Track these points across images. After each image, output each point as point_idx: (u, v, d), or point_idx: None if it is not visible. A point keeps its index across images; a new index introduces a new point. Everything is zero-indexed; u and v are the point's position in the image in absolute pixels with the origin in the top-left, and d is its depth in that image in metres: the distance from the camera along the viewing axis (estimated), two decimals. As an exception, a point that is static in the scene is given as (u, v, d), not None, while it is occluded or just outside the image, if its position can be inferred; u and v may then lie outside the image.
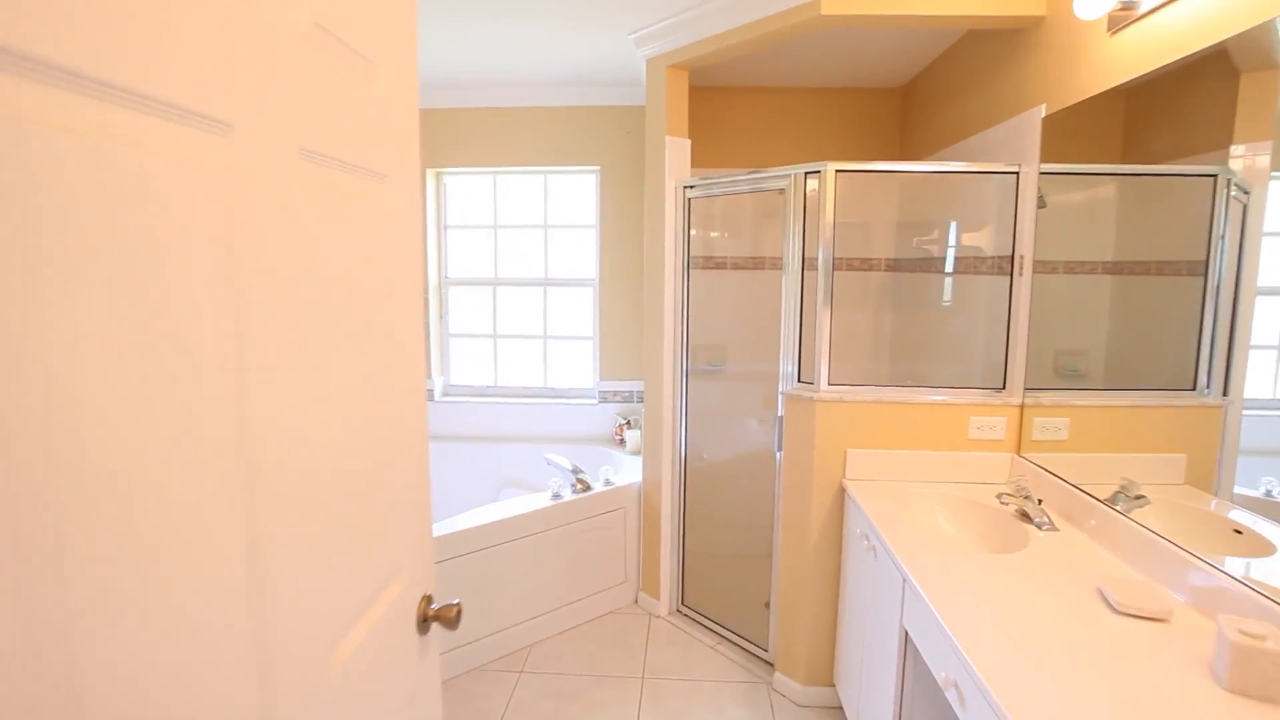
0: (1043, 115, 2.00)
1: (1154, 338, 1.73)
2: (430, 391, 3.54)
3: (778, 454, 2.31)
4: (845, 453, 2.13)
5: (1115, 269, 1.89)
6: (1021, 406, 2.11)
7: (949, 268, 2.70)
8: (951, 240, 2.66)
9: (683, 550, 2.79)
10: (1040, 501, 1.82)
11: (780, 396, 2.28)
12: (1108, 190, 1.93)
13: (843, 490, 2.14)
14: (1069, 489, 1.82)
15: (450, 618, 0.99)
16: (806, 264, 2.22)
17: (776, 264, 3.40)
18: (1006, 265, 2.18)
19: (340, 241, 0.73)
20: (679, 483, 2.74)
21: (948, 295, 2.65)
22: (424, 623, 0.99)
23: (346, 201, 0.74)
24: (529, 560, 2.51)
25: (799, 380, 2.22)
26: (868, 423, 2.13)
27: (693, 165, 2.72)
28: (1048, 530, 1.74)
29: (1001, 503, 1.88)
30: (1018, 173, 2.11)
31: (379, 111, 0.81)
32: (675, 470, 2.74)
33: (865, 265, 3.12)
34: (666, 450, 2.72)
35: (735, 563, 3.26)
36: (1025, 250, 2.10)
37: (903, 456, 2.12)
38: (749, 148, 3.26)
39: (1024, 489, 1.85)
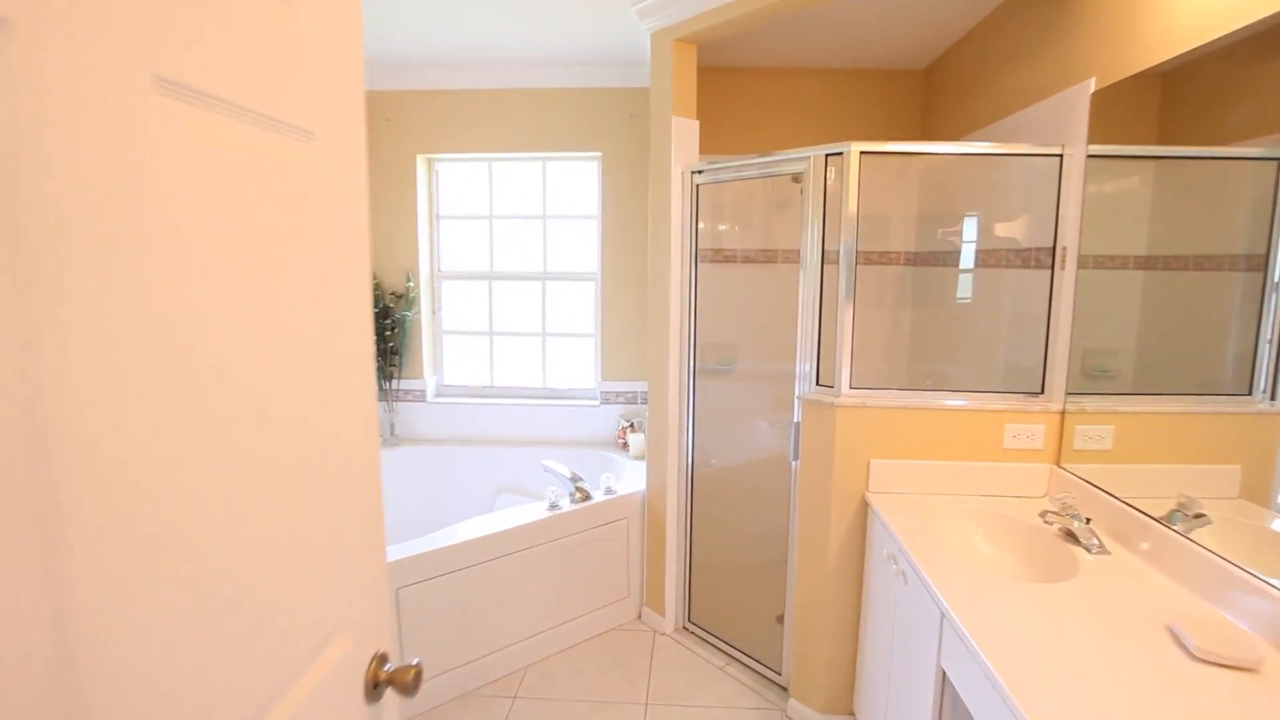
0: (1092, 90, 1.80)
1: (1203, 338, 1.56)
2: (422, 392, 3.37)
3: (793, 462, 2.12)
4: (868, 463, 1.94)
5: (1154, 263, 1.71)
6: (1063, 413, 1.91)
7: (978, 261, 2.50)
8: (972, 234, 2.46)
9: (689, 562, 2.61)
10: (1088, 520, 1.63)
11: (797, 401, 2.09)
12: (1154, 175, 1.73)
13: (865, 504, 1.96)
14: (1119, 506, 1.63)
15: (407, 681, 0.81)
16: (826, 257, 2.02)
17: (790, 257, 3.21)
18: (1045, 258, 1.98)
19: (240, 216, 0.55)
20: (685, 490, 2.56)
21: (977, 291, 2.45)
22: (375, 688, 0.81)
23: (248, 163, 0.56)
24: (524, 576, 2.33)
25: (817, 383, 2.03)
26: (893, 430, 1.94)
27: (700, 154, 2.52)
28: (1098, 553, 1.55)
29: (1045, 521, 1.69)
30: (1061, 155, 1.91)
31: (298, 49, 0.63)
32: (681, 477, 2.55)
33: (885, 259, 2.92)
34: (672, 455, 2.54)
35: (745, 574, 3.07)
36: (1069, 241, 1.90)
37: (931, 467, 1.93)
38: (759, 134, 3.06)
39: (1070, 506, 1.66)
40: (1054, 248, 1.95)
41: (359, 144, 0.74)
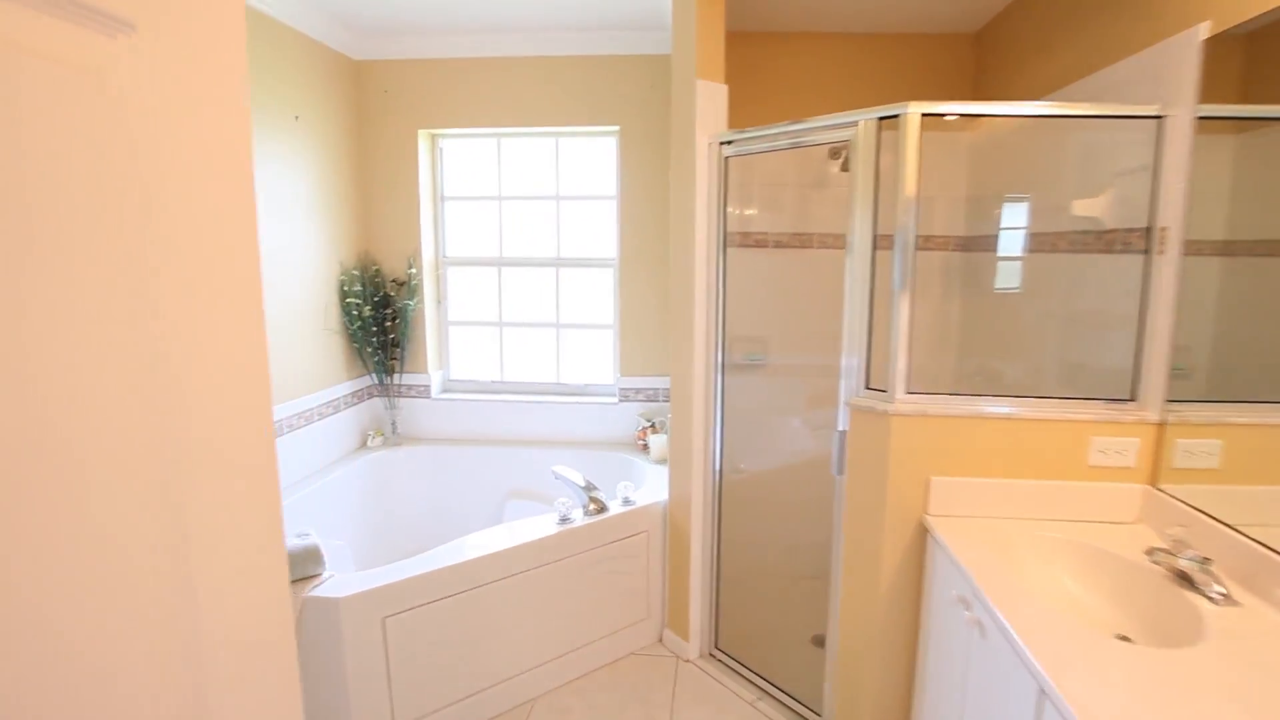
0: (1203, 37, 1.48)
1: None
2: (426, 387, 3.14)
3: (837, 476, 1.84)
4: (928, 481, 1.66)
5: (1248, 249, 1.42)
6: (1161, 424, 1.61)
7: (1045, 246, 2.18)
8: (1038, 215, 2.14)
9: (716, 580, 2.35)
10: (1207, 561, 1.33)
11: (842, 407, 1.81)
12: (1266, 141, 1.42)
13: (924, 529, 1.68)
14: (1242, 541, 1.34)
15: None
16: (878, 241, 1.73)
17: (827, 241, 2.93)
18: (1136, 241, 1.68)
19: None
20: (712, 500, 2.29)
21: (1045, 280, 2.14)
22: None
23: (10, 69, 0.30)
24: (531, 598, 2.09)
25: (867, 387, 1.75)
26: (956, 443, 1.65)
27: (728, 126, 2.23)
28: (1224, 604, 1.26)
29: (1152, 561, 1.40)
30: (1162, 117, 1.59)
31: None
32: (707, 484, 2.29)
33: (931, 244, 2.62)
34: (697, 460, 2.27)
35: (779, 593, 2.81)
36: (1171, 220, 1.59)
37: (1002, 487, 1.64)
38: (792, 107, 2.76)
39: (1184, 543, 1.37)
40: (1149, 229, 1.65)
41: (229, 47, 0.48)
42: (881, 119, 1.65)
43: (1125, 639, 1.30)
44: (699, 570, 2.34)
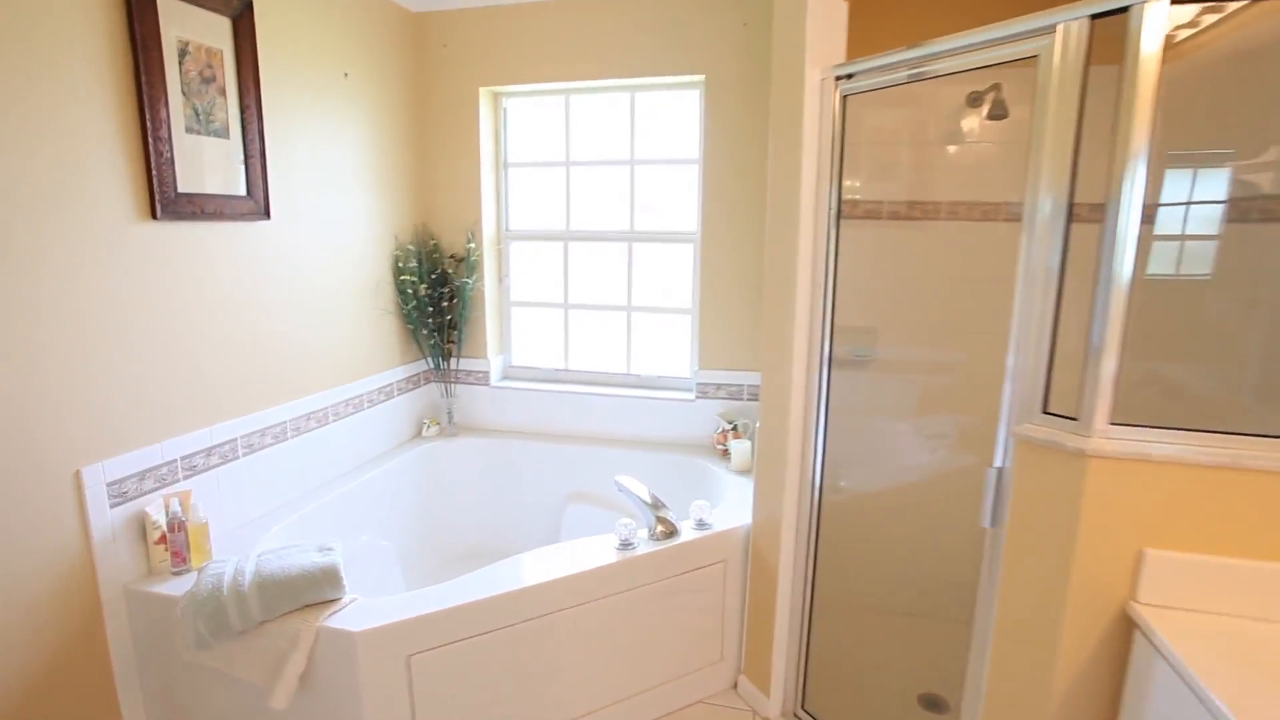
0: None
1: None
2: (485, 374, 2.85)
3: (988, 526, 1.37)
4: (1140, 554, 1.17)
5: None
6: None
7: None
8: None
9: (807, 626, 1.93)
10: None
11: (1004, 436, 1.33)
12: None
13: (1128, 622, 1.19)
14: None
15: None
16: (1073, 210, 1.23)
17: (957, 211, 2.39)
18: None
19: None
20: (808, 525, 1.86)
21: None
22: None
23: None
24: (586, 635, 1.76)
25: (1045, 411, 1.26)
26: (1190, 502, 1.14)
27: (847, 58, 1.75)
28: None
29: None
30: None
31: None
32: (803, 505, 1.86)
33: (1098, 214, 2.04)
34: (791, 475, 1.85)
35: (882, 634, 2.36)
36: None
37: (1261, 572, 1.13)
38: (916, 31, 2.22)
39: None
40: None
41: None
42: (1095, 16, 1.13)
43: None
44: (786, 611, 1.92)
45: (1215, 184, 1.64)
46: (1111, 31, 1.14)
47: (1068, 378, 1.25)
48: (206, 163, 1.78)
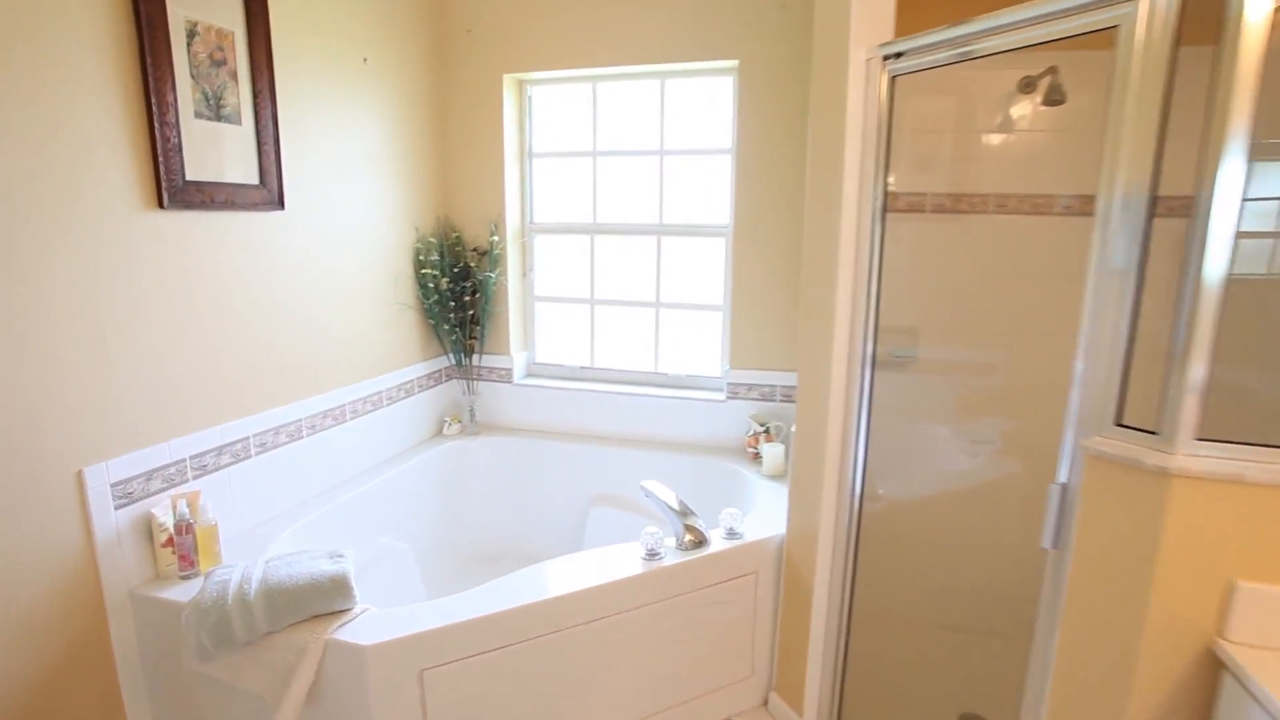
0: None
1: None
2: (508, 371, 2.77)
3: (1050, 548, 1.24)
4: (1231, 586, 1.03)
5: None
6: None
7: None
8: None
9: (844, 642, 1.81)
10: None
11: (1070, 448, 1.19)
12: None
13: (1215, 662, 1.05)
14: None
15: None
16: (1155, 203, 1.09)
17: (1006, 204, 2.24)
18: None
19: None
20: (846, 536, 1.74)
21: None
22: None
23: None
24: (609, 648, 1.66)
25: (1119, 423, 1.12)
26: (1285, 527, 1.01)
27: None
28: None
29: None
30: None
31: None
32: (841, 515, 1.74)
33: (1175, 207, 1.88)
34: (829, 483, 1.73)
35: (920, 648, 2.23)
36: None
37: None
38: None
39: None
40: None
41: None
42: (1187, -16, 1.00)
43: None
44: (822, 626, 1.80)
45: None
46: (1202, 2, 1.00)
47: (1143, 387, 1.12)
48: (216, 150, 1.72)
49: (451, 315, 2.61)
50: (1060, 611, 1.21)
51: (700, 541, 1.79)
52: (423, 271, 2.54)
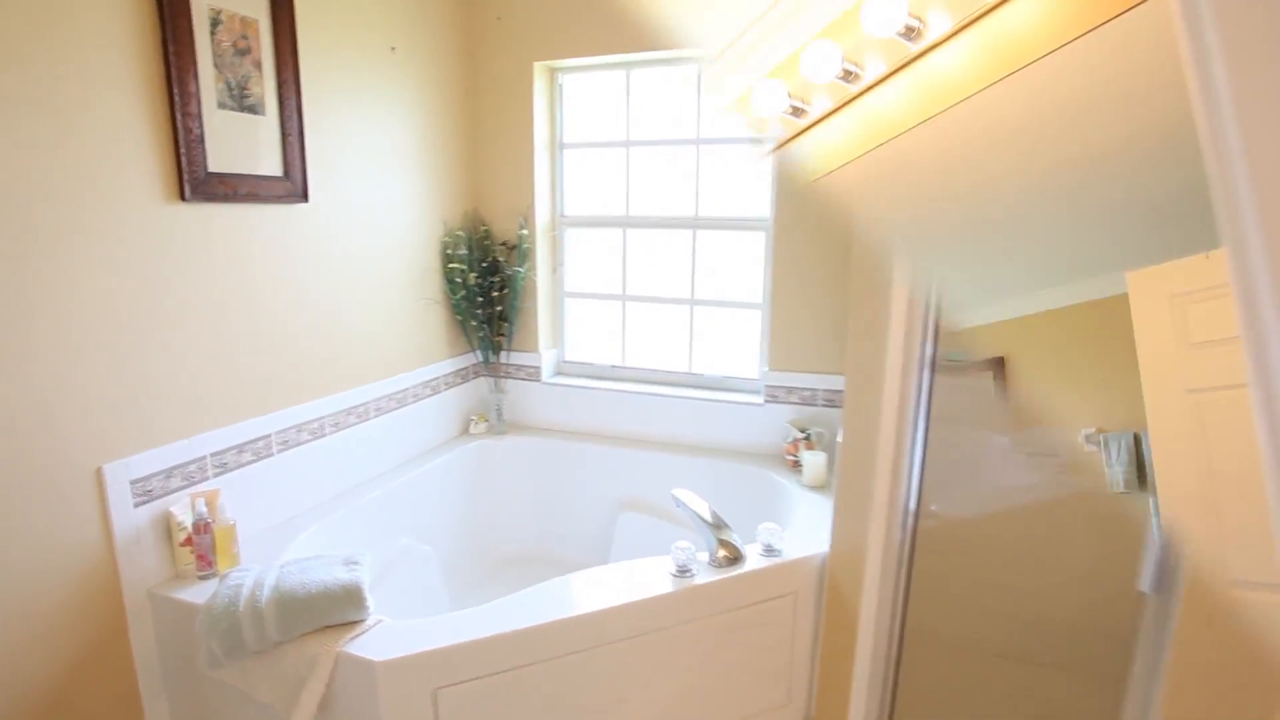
0: None
1: None
2: (537, 369, 2.69)
3: (1147, 592, 1.09)
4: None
5: None
6: None
7: None
8: None
9: (894, 670, 1.67)
10: None
11: (1167, 473, 1.04)
12: None
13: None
14: None
15: None
16: None
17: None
18: None
19: None
20: (899, 556, 1.60)
21: None
22: None
23: None
24: (637, 670, 1.56)
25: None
26: None
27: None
28: None
29: None
30: None
31: None
32: (893, 533, 1.60)
33: None
34: (880, 497, 1.59)
35: (981, 683, 2.06)
36: None
37: None
38: None
39: None
40: None
41: None
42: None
43: None
44: (868, 652, 1.67)
45: None
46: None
47: None
48: (240, 141, 1.66)
49: (479, 311, 2.54)
50: (1164, 669, 1.06)
51: (735, 558, 1.67)
52: (450, 266, 2.47)
